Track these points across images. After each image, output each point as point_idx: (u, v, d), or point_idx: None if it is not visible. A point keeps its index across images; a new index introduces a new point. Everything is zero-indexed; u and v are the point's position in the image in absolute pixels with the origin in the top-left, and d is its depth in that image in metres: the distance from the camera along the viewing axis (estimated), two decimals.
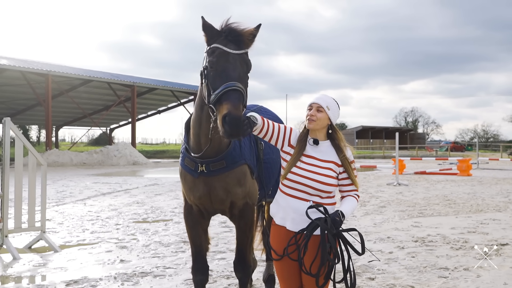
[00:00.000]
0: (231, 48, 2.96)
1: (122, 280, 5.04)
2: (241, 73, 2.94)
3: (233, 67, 2.91)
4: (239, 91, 2.82)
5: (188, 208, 3.58)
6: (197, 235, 3.58)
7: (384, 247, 6.55)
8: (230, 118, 2.70)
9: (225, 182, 3.33)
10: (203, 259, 3.61)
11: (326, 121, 3.03)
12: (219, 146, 3.29)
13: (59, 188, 15.17)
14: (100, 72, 38.40)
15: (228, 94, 2.79)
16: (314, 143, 3.03)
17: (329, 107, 3.04)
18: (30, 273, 5.41)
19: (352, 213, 3.00)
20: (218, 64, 2.94)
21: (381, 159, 42.99)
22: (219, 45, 2.97)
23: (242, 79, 2.92)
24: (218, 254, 6.16)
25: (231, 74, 2.88)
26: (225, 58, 2.93)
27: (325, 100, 3.05)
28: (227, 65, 2.92)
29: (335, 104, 3.09)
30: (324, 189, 2.94)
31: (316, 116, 3.00)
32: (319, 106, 3.02)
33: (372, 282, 4.94)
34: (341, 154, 3.00)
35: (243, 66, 2.97)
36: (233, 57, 2.94)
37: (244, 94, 2.86)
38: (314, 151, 3.02)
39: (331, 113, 3.04)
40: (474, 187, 15.28)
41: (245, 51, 3.02)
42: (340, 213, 2.86)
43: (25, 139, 6.45)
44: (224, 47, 2.95)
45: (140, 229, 7.99)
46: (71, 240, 7.20)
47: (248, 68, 3.02)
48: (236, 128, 2.71)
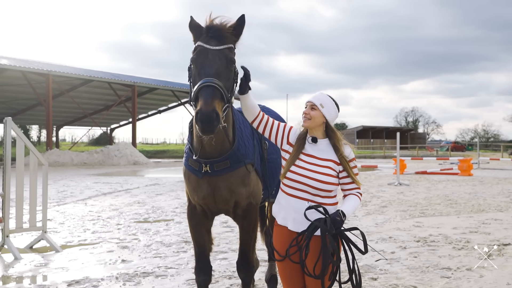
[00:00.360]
0: (211, 45, 2.97)
1: (124, 280, 5.03)
2: (220, 68, 2.93)
3: (210, 63, 2.92)
4: (212, 86, 2.82)
5: (191, 208, 3.56)
6: (200, 236, 3.56)
7: (386, 247, 6.53)
8: (200, 115, 2.72)
9: (229, 182, 3.32)
10: (206, 259, 3.59)
11: (321, 119, 3.01)
12: (223, 146, 3.27)
13: (60, 188, 15.16)
14: (100, 72, 38.37)
15: (202, 90, 2.81)
16: (312, 141, 3.02)
17: (323, 105, 3.01)
18: (31, 273, 5.40)
19: (354, 212, 2.96)
20: (197, 62, 2.97)
21: (382, 159, 42.99)
22: (200, 43, 2.99)
23: (221, 75, 2.92)
24: (220, 254, 6.15)
25: (208, 71, 2.90)
26: (204, 55, 2.95)
27: (319, 98, 3.04)
28: (205, 62, 2.93)
29: (331, 101, 3.06)
30: (323, 188, 2.91)
31: (309, 114, 2.99)
32: (313, 104, 3.01)
33: (375, 282, 4.93)
34: (338, 153, 2.98)
35: (223, 61, 2.96)
36: (212, 53, 2.95)
37: (220, 89, 2.84)
38: (313, 149, 3.01)
39: (325, 111, 3.01)
40: (475, 187, 15.26)
41: (226, 46, 3.01)
42: (341, 213, 2.83)
43: (26, 139, 6.43)
44: (204, 44, 2.97)
45: (141, 229, 7.98)
46: (72, 240, 7.19)
47: (229, 62, 2.99)
48: (207, 124, 2.72)
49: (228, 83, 2.98)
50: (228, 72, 2.99)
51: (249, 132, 3.61)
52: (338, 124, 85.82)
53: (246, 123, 3.52)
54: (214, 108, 2.75)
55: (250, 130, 3.63)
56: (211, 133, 2.81)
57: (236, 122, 3.41)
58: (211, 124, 2.73)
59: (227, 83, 2.97)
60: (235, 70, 3.07)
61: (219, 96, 2.84)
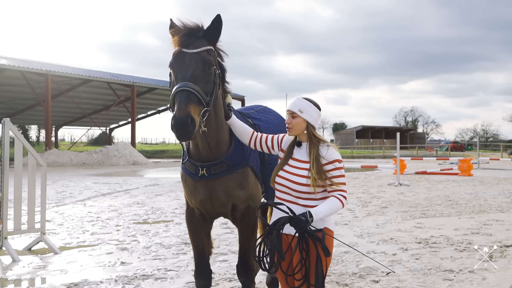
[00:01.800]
0: (189, 48, 2.92)
1: (123, 283, 4.97)
2: (197, 71, 2.87)
3: (186, 67, 2.87)
4: (187, 91, 2.77)
5: (190, 212, 3.51)
6: (199, 239, 3.50)
7: (388, 248, 6.48)
8: (174, 120, 2.69)
9: (226, 185, 3.26)
10: (206, 263, 3.53)
11: (303, 124, 3.00)
12: (218, 148, 3.22)
13: (58, 189, 15.10)
14: (99, 72, 38.32)
15: (177, 95, 2.77)
16: (297, 145, 3.06)
17: (302, 110, 3.00)
18: (29, 276, 5.34)
19: (329, 214, 2.86)
20: (175, 66, 2.93)
21: (381, 159, 42.96)
22: (178, 47, 2.95)
23: (198, 78, 2.86)
24: (220, 256, 6.09)
25: (184, 75, 2.85)
26: (181, 59, 2.91)
27: (296, 104, 3.03)
28: (181, 66, 2.89)
29: (309, 104, 3.04)
30: (301, 190, 2.93)
31: (291, 124, 3.00)
32: (292, 112, 3.02)
33: (376, 285, 4.88)
34: (310, 155, 2.96)
35: (199, 64, 2.90)
36: (189, 57, 2.90)
37: (196, 93, 2.79)
38: (299, 153, 3.03)
39: (306, 115, 3.00)
40: (475, 187, 15.22)
41: (203, 49, 2.96)
42: (308, 213, 2.78)
43: (24, 139, 6.38)
44: (181, 48, 2.93)
45: (140, 231, 7.92)
46: (71, 242, 7.13)
47: (206, 65, 2.93)
48: (182, 129, 2.68)
49: (207, 86, 2.91)
50: (206, 75, 2.92)
51: None
52: (338, 124, 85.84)
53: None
54: (188, 113, 2.70)
55: None
56: (188, 139, 2.76)
57: None
58: (186, 129, 2.68)
59: (206, 86, 2.90)
60: (215, 72, 3.01)
61: (195, 100, 2.77)
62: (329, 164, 2.91)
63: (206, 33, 3.03)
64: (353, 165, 28.24)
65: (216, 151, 3.19)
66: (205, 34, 3.02)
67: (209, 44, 3.02)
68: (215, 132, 3.16)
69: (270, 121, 4.04)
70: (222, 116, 3.22)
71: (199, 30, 3.01)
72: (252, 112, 4.05)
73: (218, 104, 3.13)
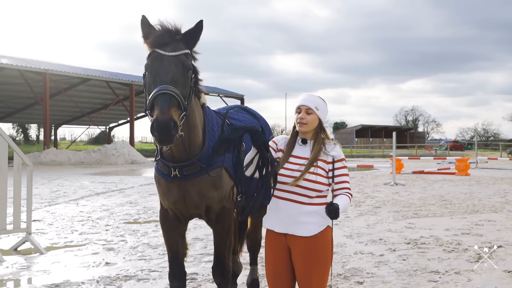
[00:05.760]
0: (167, 51, 2.88)
1: (105, 284, 4.93)
2: (176, 75, 2.84)
3: (166, 70, 2.83)
4: (169, 94, 2.72)
5: (164, 213, 3.48)
6: (174, 241, 3.46)
7: (375, 249, 6.43)
8: (156, 124, 2.64)
9: (200, 186, 3.22)
10: (180, 265, 3.49)
11: (317, 122, 3.01)
12: (191, 150, 3.18)
13: (53, 188, 15.06)
14: (98, 70, 38.26)
15: (158, 98, 2.72)
16: (302, 142, 3.02)
17: (318, 107, 3.01)
18: (12, 276, 5.30)
19: (344, 210, 2.93)
20: (152, 68, 2.87)
21: (380, 158, 42.91)
22: (155, 48, 2.89)
23: (177, 82, 2.82)
24: (206, 257, 6.05)
25: (163, 78, 2.80)
26: (160, 61, 2.86)
27: (313, 101, 3.02)
28: (160, 69, 2.84)
29: (323, 102, 3.06)
30: (313, 187, 2.90)
31: (306, 119, 2.97)
32: (308, 108, 2.99)
33: (360, 286, 4.84)
34: (313, 152, 2.99)
35: (179, 68, 2.86)
36: (168, 60, 2.85)
37: (177, 97, 2.75)
38: (304, 151, 3.00)
39: (320, 113, 3.01)
40: (471, 187, 15.16)
41: (182, 52, 2.92)
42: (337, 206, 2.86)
43: (10, 139, 6.34)
44: (159, 50, 2.87)
45: (129, 230, 7.88)
46: (59, 242, 7.09)
47: (185, 69, 2.91)
48: (165, 133, 2.63)
49: (185, 90, 2.89)
50: (185, 79, 2.90)
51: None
52: (338, 123, 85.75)
53: (219, 125, 3.42)
54: (171, 116, 2.66)
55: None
56: (169, 143, 2.73)
57: (207, 125, 3.32)
58: (168, 133, 2.64)
59: (184, 90, 2.87)
60: (192, 77, 2.99)
61: (176, 104, 2.74)
62: (338, 162, 2.99)
63: (185, 36, 3.00)
64: (350, 164, 28.16)
65: (189, 153, 3.15)
66: (184, 38, 3.00)
67: (187, 48, 2.99)
68: (187, 134, 3.13)
69: (248, 121, 4.03)
70: (194, 119, 3.18)
71: (177, 33, 2.98)
72: (231, 112, 4.03)
73: (191, 107, 3.10)
